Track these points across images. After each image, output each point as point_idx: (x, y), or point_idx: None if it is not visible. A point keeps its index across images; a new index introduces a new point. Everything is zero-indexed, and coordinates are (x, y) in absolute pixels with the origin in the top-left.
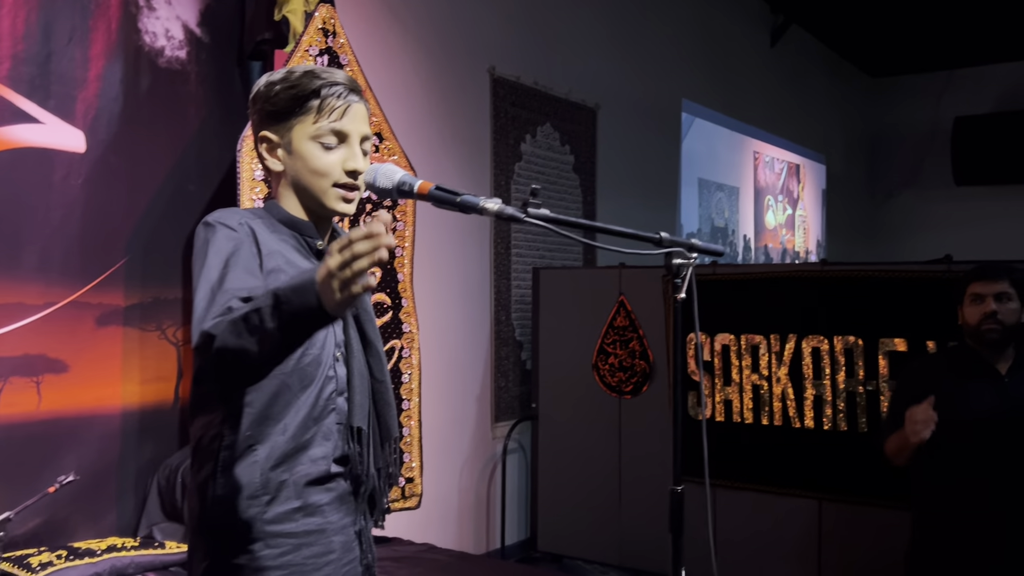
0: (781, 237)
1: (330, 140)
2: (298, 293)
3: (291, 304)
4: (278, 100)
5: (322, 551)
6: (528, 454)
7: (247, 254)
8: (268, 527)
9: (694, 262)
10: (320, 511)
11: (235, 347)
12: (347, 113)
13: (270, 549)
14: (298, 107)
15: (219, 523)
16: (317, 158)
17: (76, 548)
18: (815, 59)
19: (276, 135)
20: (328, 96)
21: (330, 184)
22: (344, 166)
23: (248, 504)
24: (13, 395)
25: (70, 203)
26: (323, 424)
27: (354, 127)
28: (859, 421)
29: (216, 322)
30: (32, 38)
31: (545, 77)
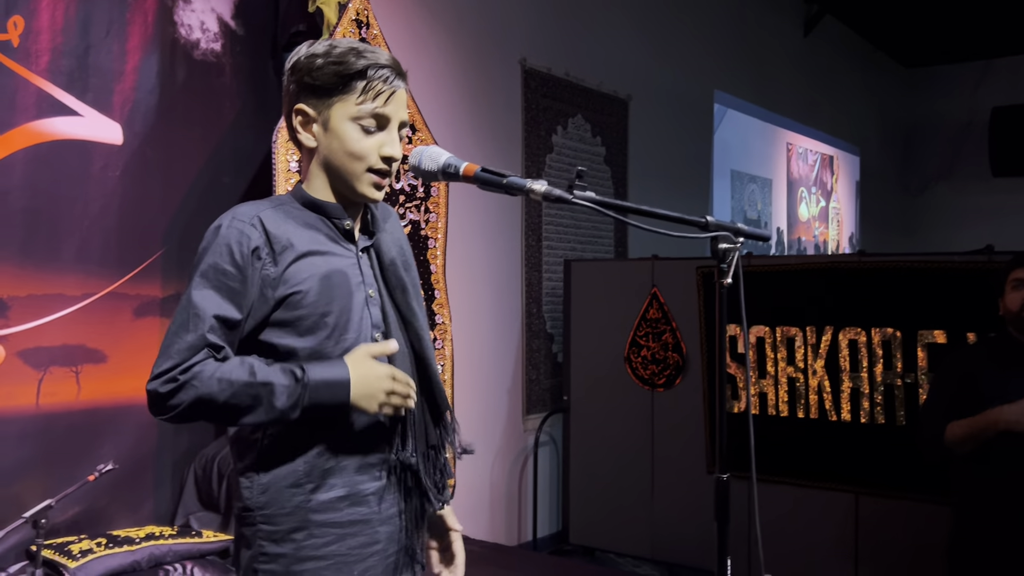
0: (814, 230)
1: (370, 123)
2: (330, 388)
3: (318, 394)
4: (320, 74)
5: (367, 541)
6: (559, 447)
7: (228, 272)
8: (313, 515)
9: (740, 247)
10: (366, 500)
11: (217, 404)
12: (391, 98)
13: (315, 539)
14: (341, 85)
15: (262, 511)
16: (355, 140)
17: (115, 536)
18: (849, 49)
19: (313, 110)
20: (374, 78)
21: (364, 168)
22: (381, 151)
23: (292, 492)
24: (53, 385)
25: (108, 195)
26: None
27: (396, 113)
28: (897, 414)
29: (185, 379)
30: (71, 31)
31: (576, 68)
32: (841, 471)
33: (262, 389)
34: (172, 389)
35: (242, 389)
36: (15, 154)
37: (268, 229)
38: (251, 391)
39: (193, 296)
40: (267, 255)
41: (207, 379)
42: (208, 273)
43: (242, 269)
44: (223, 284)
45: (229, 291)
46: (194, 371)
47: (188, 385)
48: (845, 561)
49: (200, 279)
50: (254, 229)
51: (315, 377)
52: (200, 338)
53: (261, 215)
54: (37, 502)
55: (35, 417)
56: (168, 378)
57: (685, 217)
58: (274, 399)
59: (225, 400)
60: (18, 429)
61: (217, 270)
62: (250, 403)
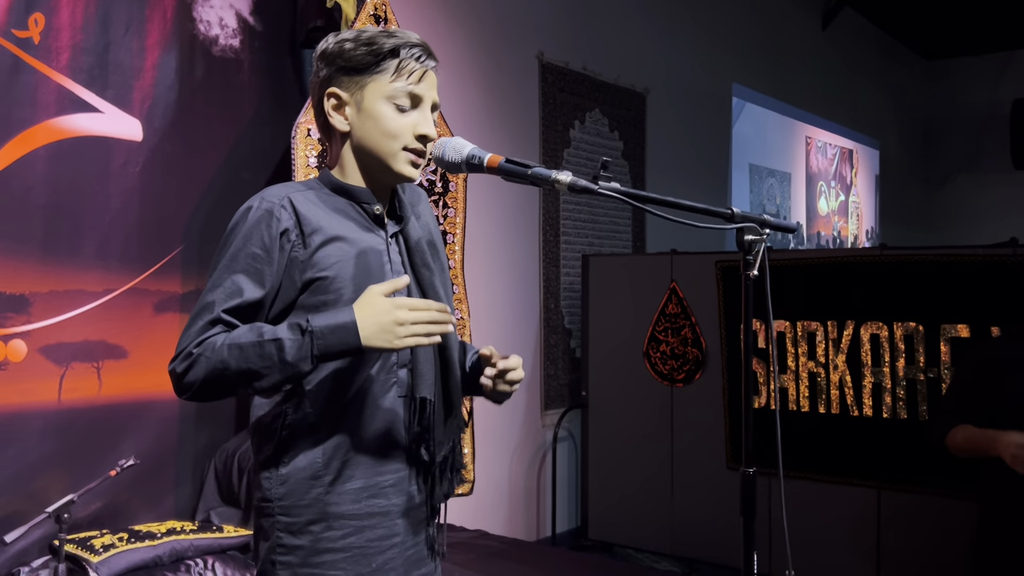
0: (834, 224)
1: (404, 102)
2: (336, 332)
3: (326, 340)
4: (353, 56)
5: (386, 534)
6: (578, 442)
7: (255, 254)
8: (331, 508)
9: (766, 238)
10: (384, 492)
11: (231, 371)
12: (424, 77)
13: (333, 531)
14: (374, 65)
15: (281, 503)
16: (390, 119)
17: (137, 531)
18: (868, 42)
19: (346, 92)
20: (407, 57)
21: (400, 147)
22: (416, 130)
23: (311, 484)
24: (75, 380)
25: (128, 191)
26: (385, 399)
27: (428, 93)
28: (920, 409)
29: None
30: (91, 28)
31: (594, 62)
32: (863, 466)
33: (271, 346)
34: (187, 366)
35: (252, 350)
36: (36, 151)
37: (299, 211)
38: (260, 350)
39: (217, 277)
40: (296, 237)
41: (218, 348)
42: (236, 255)
43: (270, 250)
44: (250, 266)
45: (255, 272)
46: (205, 344)
47: (201, 358)
48: (867, 557)
49: (227, 260)
50: (284, 210)
51: (319, 324)
52: (216, 317)
53: (292, 196)
54: (59, 497)
55: (57, 413)
56: (183, 356)
57: (711, 208)
58: (284, 354)
59: (238, 365)
60: (40, 425)
61: (244, 251)
62: (262, 363)
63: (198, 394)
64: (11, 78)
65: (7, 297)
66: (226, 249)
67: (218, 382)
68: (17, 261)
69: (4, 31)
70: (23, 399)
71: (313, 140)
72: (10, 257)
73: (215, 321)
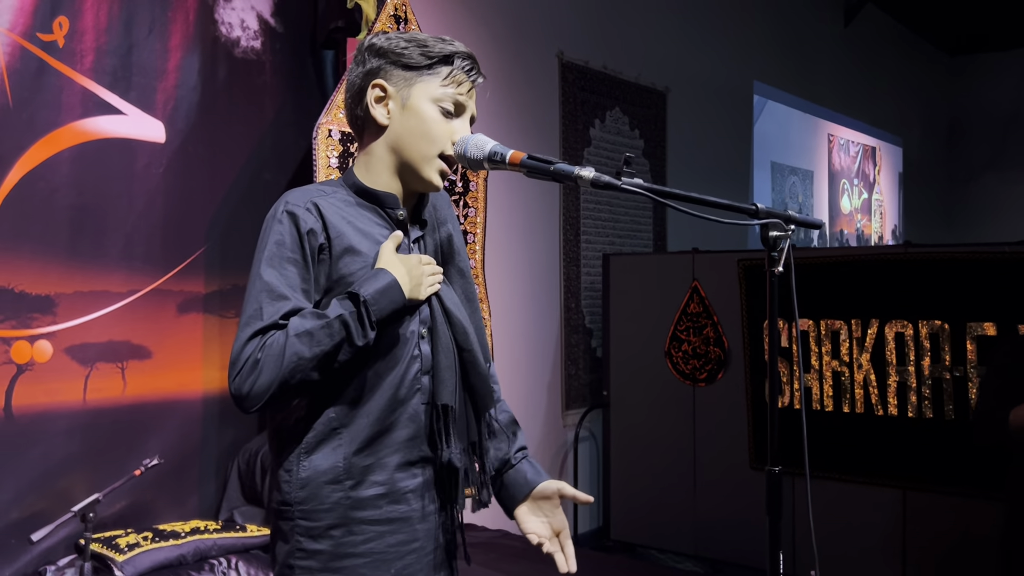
0: (857, 222)
1: (449, 108)
2: (385, 294)
3: (379, 305)
4: (405, 53)
5: (406, 539)
6: (599, 442)
7: (290, 258)
8: (352, 512)
9: (791, 234)
10: (405, 498)
11: (307, 359)
12: (471, 91)
13: (353, 536)
14: (427, 67)
15: (301, 507)
16: (433, 121)
17: (161, 530)
18: (890, 39)
19: (393, 86)
20: (460, 67)
21: (435, 153)
22: (454, 138)
23: (332, 489)
24: (100, 381)
25: (151, 192)
26: (408, 405)
27: (470, 105)
28: (945, 408)
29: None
30: (114, 31)
31: (614, 61)
32: (888, 466)
33: (337, 323)
34: (255, 376)
35: (321, 333)
36: (61, 153)
37: (324, 215)
38: (330, 330)
39: (259, 285)
40: (324, 240)
41: (285, 343)
42: (271, 259)
43: (303, 251)
44: (287, 269)
45: (292, 276)
46: (266, 345)
47: (269, 359)
48: (894, 557)
49: (264, 266)
50: (309, 213)
51: (369, 292)
52: (269, 323)
53: (317, 201)
54: (84, 496)
55: (82, 412)
56: (248, 367)
57: (735, 204)
58: (349, 328)
59: (312, 352)
60: (66, 425)
61: (279, 255)
62: (332, 342)
63: (275, 396)
64: (36, 81)
65: (33, 298)
66: (262, 256)
67: (294, 374)
68: (43, 262)
69: (29, 35)
70: (49, 399)
71: (334, 141)
72: (36, 258)
73: (268, 328)
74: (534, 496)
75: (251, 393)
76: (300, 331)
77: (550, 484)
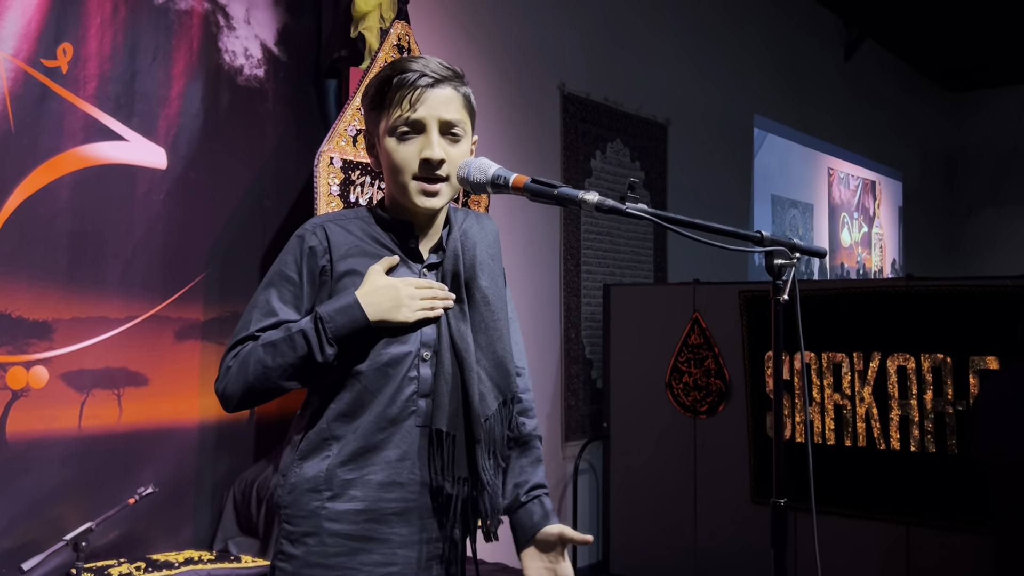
0: (857, 256)
1: (405, 132)
2: (343, 312)
3: (335, 322)
4: (368, 94)
5: (382, 561)
6: (599, 474)
7: (287, 276)
8: (327, 523)
9: (796, 262)
10: (388, 520)
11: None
12: (420, 100)
13: (324, 546)
14: (379, 101)
15: (286, 511)
16: (394, 152)
17: (155, 560)
18: (890, 74)
19: (370, 131)
20: (398, 87)
21: (408, 179)
22: (420, 155)
23: (311, 497)
24: (96, 407)
25: (152, 218)
26: (402, 426)
27: (430, 113)
28: (948, 442)
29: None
30: (118, 58)
31: (615, 93)
32: (891, 501)
33: (299, 337)
34: (228, 379)
35: (284, 344)
36: (62, 178)
37: (330, 238)
38: (292, 343)
39: (255, 298)
40: (326, 262)
41: (251, 351)
42: (272, 278)
43: (301, 272)
44: (283, 287)
45: (288, 294)
46: (240, 354)
47: (239, 364)
48: None
49: (265, 283)
50: (314, 236)
51: (326, 310)
52: (250, 334)
53: (325, 225)
54: (77, 525)
55: (77, 439)
56: (222, 373)
57: (739, 231)
58: (310, 343)
59: (275, 362)
60: (60, 452)
61: (279, 274)
62: (295, 355)
63: (244, 399)
64: (39, 106)
65: (30, 323)
66: (268, 274)
67: (261, 381)
68: (41, 287)
69: (33, 60)
70: (44, 425)
71: (336, 168)
72: (34, 283)
73: (247, 338)
74: (538, 540)
75: (223, 394)
76: (266, 342)
77: (552, 529)
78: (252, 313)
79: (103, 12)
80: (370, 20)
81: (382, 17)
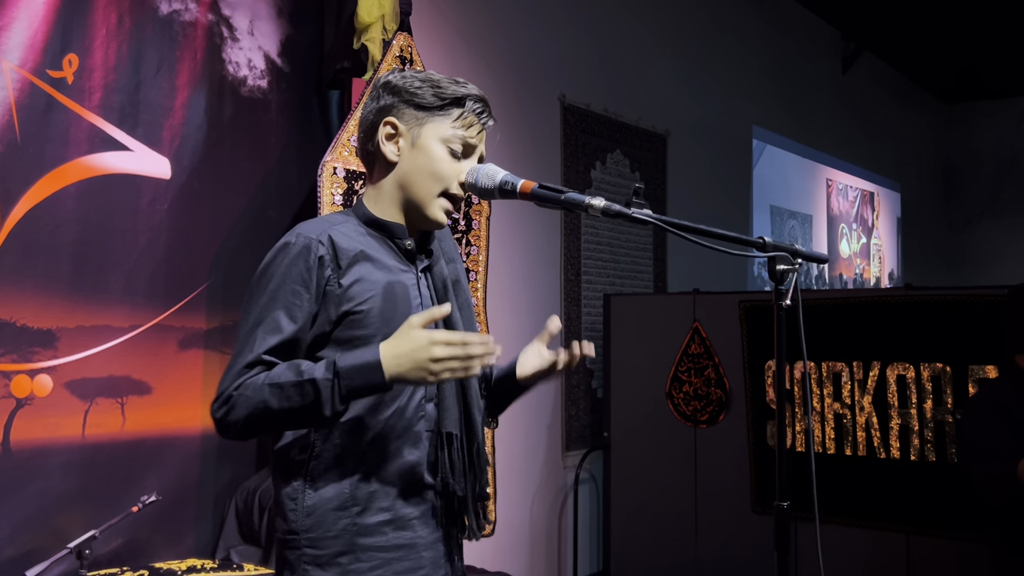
0: (856, 266)
1: (458, 149)
2: (361, 372)
3: (351, 380)
4: (419, 92)
5: (412, 566)
6: (600, 484)
7: (293, 290)
8: (359, 539)
9: (798, 267)
10: (410, 525)
11: (272, 410)
12: (480, 132)
13: (360, 563)
14: (439, 106)
15: (308, 535)
16: (441, 161)
17: (157, 568)
18: (888, 86)
19: (404, 124)
20: (471, 110)
21: (439, 191)
22: (460, 179)
23: (338, 515)
24: (99, 416)
25: (156, 228)
26: (412, 432)
27: (481, 148)
28: (948, 451)
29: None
30: (123, 69)
31: (615, 104)
32: (891, 510)
33: (309, 387)
34: (228, 409)
35: (292, 390)
36: (67, 188)
37: (336, 246)
38: (301, 390)
39: (257, 315)
40: (333, 272)
41: (258, 387)
42: (275, 292)
43: (308, 286)
44: (289, 303)
45: (294, 309)
46: (244, 385)
47: (241, 399)
48: None
49: (267, 297)
50: (321, 245)
51: (345, 364)
52: (256, 358)
53: (330, 232)
54: (81, 533)
55: (80, 448)
56: (223, 400)
57: (742, 236)
58: (320, 395)
59: (279, 405)
60: (64, 460)
61: (283, 288)
62: (303, 402)
63: (241, 434)
64: (44, 117)
65: (34, 332)
66: (265, 285)
67: (261, 421)
68: (46, 296)
69: (39, 71)
70: (48, 434)
71: (339, 178)
72: (39, 292)
73: (254, 363)
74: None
75: (222, 423)
76: (274, 382)
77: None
78: (256, 332)
79: (108, 23)
80: (373, 31)
81: (385, 28)
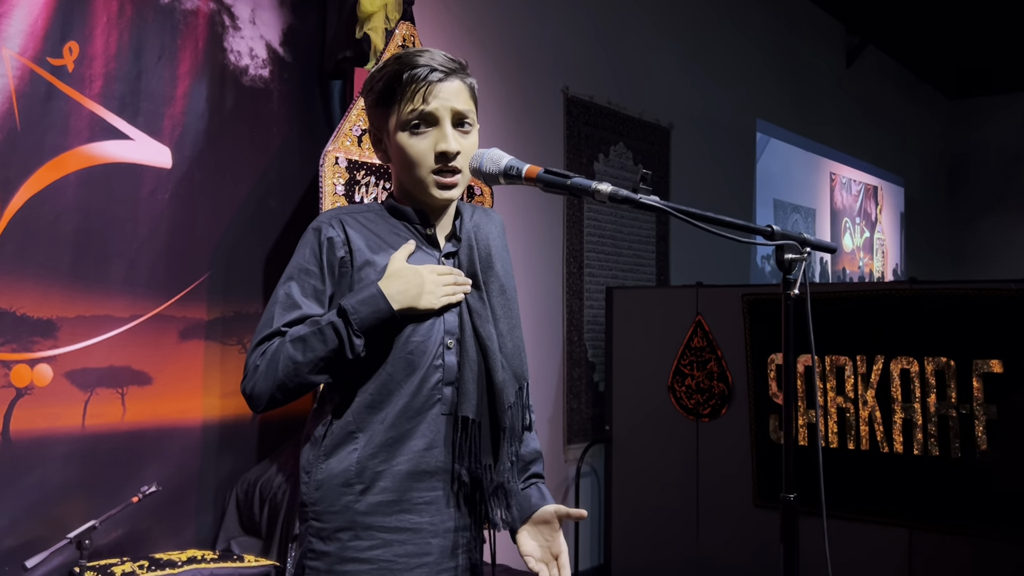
0: (859, 261)
1: (418, 126)
2: (366, 303)
3: (359, 314)
4: (375, 89)
5: (416, 551)
6: (601, 478)
7: (307, 269)
8: (360, 517)
9: (807, 256)
10: (418, 509)
11: (300, 363)
12: (431, 93)
13: (359, 540)
14: (388, 96)
15: (314, 508)
16: (409, 147)
17: (157, 559)
18: (892, 80)
19: (377, 127)
20: (409, 81)
21: (427, 172)
22: (435, 148)
23: (342, 491)
24: (99, 406)
25: (156, 218)
26: (427, 415)
27: (443, 106)
28: (951, 446)
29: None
30: (124, 57)
31: (619, 96)
32: (895, 505)
33: (329, 330)
34: (256, 378)
35: (314, 339)
36: (67, 176)
37: (347, 229)
38: (322, 337)
39: (275, 294)
40: (345, 253)
41: (282, 348)
42: (292, 272)
43: (321, 264)
44: (304, 281)
45: (309, 287)
46: (267, 351)
47: (268, 363)
48: None
49: (284, 278)
50: (332, 228)
51: (350, 302)
52: (275, 330)
53: (342, 217)
54: (81, 523)
55: (81, 438)
56: (250, 372)
57: (749, 224)
58: (339, 334)
59: (305, 357)
60: (64, 450)
61: (298, 267)
62: (326, 348)
63: (274, 398)
64: (45, 105)
65: (35, 321)
66: (286, 269)
67: (292, 378)
68: (46, 286)
69: (39, 59)
70: (48, 424)
71: (341, 168)
72: (39, 282)
73: (273, 335)
74: (534, 520)
75: (252, 394)
76: (295, 337)
77: (548, 508)
78: (274, 308)
79: (109, 11)
80: (375, 21)
81: (387, 18)
